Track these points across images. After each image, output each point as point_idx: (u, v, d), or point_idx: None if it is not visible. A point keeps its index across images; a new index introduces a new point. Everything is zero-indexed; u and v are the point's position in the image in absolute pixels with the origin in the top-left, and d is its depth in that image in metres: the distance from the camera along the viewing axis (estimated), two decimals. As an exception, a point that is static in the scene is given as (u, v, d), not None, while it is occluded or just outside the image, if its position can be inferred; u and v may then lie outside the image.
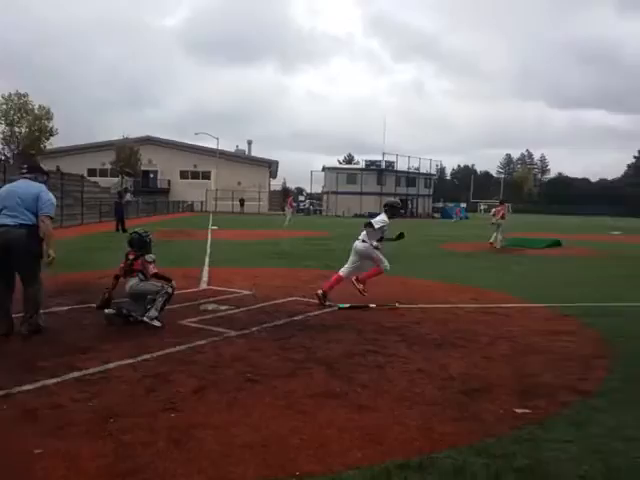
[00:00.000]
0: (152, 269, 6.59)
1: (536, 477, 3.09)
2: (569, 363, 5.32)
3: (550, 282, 11.29)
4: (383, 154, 67.54)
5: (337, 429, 3.67)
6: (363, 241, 8.28)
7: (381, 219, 8.32)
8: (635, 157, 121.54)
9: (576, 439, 3.58)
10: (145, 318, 6.40)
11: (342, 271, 8.37)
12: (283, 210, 32.52)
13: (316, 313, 7.46)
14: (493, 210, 20.97)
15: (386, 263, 8.38)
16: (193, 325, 6.54)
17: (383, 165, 67.36)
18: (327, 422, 3.78)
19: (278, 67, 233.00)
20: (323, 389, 4.45)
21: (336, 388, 4.47)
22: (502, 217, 20.03)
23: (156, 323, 6.38)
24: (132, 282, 6.57)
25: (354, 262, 8.37)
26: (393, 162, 67.73)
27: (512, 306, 8.31)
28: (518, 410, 4.08)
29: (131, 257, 6.65)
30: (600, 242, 24.55)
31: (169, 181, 73.49)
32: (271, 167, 76.38)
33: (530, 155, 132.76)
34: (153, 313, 6.43)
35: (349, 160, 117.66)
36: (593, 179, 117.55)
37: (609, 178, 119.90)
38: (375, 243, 8.24)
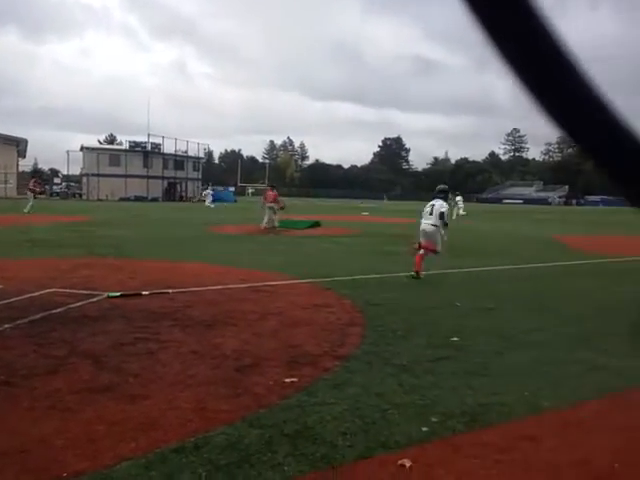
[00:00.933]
0: None
1: (305, 440, 3.36)
2: (329, 332, 5.85)
3: (311, 260, 12.17)
4: (148, 135, 64.81)
5: (107, 423, 3.50)
6: (433, 225, 9.71)
7: (445, 206, 9.90)
8: (379, 146, 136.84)
9: (338, 400, 3.97)
10: None
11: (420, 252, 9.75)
12: (27, 194, 29.19)
13: (79, 304, 6.93)
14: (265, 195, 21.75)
15: (440, 246, 9.87)
16: None
17: (149, 147, 64.70)
18: (96, 417, 3.59)
19: (24, 35, 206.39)
20: (90, 384, 4.19)
21: (104, 381, 4.25)
22: (273, 201, 20.87)
23: None
24: None
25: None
26: (159, 144, 65.46)
27: (278, 284, 8.78)
28: (286, 380, 4.36)
29: None
30: (353, 222, 27.20)
31: None
32: (19, 146, 67.76)
33: (291, 142, 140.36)
34: None
35: (111, 140, 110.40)
36: (345, 165, 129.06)
37: (359, 165, 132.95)
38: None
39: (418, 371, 4.65)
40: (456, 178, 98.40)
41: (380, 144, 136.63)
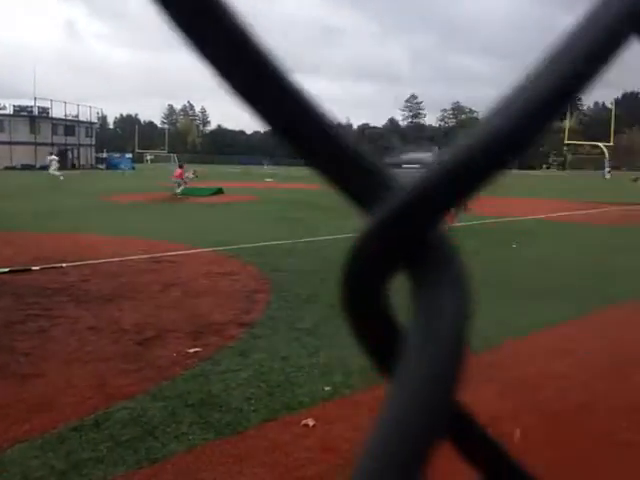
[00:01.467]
0: None
1: (210, 408, 3.36)
2: (235, 300, 5.84)
3: (214, 228, 11.98)
4: (35, 99, 60.22)
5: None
6: None
7: None
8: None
9: (243, 367, 4.00)
10: None
11: None
12: None
13: (-40, 283, 6.42)
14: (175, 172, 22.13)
15: None
16: None
17: (36, 111, 60.11)
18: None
19: None
20: (-24, 366, 3.93)
21: (-7, 362, 4.00)
22: (179, 176, 21.36)
23: None
24: None
25: None
26: (48, 108, 61.02)
27: (180, 253, 8.59)
28: (190, 350, 4.32)
29: None
30: (256, 189, 27.01)
31: None
32: None
33: (192, 106, 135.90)
34: None
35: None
36: (248, 132, 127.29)
37: (261, 131, 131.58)
38: None
39: (321, 333, 4.77)
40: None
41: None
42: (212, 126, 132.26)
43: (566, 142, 68.46)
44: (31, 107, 60.62)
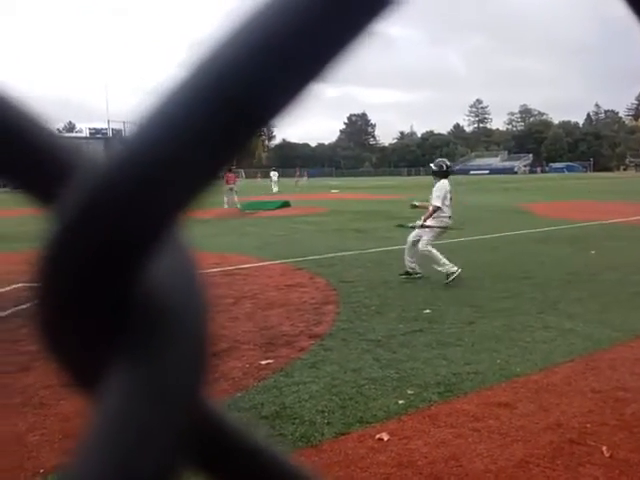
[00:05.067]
0: None
1: (283, 420, 3.38)
2: (304, 312, 5.87)
3: (282, 240, 12.14)
4: (108, 121, 63.46)
5: (84, 417, 3.47)
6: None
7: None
8: (345, 123, 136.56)
9: (315, 379, 4.00)
10: None
11: None
12: None
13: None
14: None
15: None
16: None
17: (110, 133, 63.30)
18: (72, 412, 3.54)
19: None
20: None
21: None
22: (233, 182, 21.43)
23: None
24: None
25: None
26: (121, 130, 64.11)
27: (251, 266, 8.74)
28: (263, 362, 4.37)
29: None
30: (322, 200, 27.19)
31: None
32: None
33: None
34: None
35: (70, 128, 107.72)
36: (312, 144, 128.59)
37: (326, 143, 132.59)
38: None
39: (393, 345, 4.71)
40: (423, 151, 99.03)
41: (346, 121, 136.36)
42: (277, 140, 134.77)
43: (645, 141, 64.95)
44: (105, 129, 63.82)
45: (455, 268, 7.04)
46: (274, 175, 39.43)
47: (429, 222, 7.24)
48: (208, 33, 0.18)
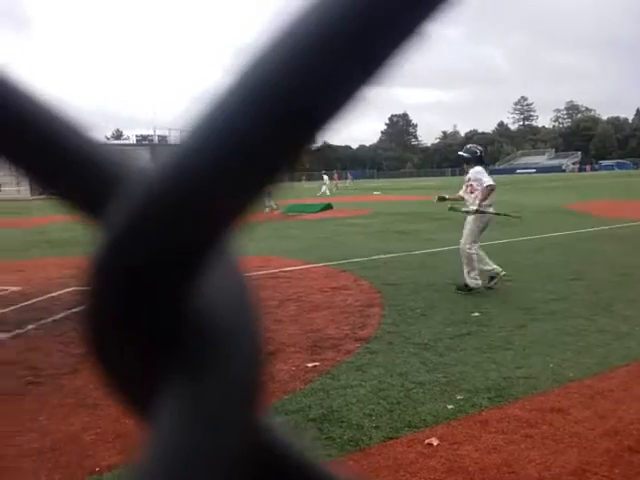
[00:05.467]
0: None
1: (331, 423, 3.37)
2: (349, 314, 5.85)
3: (325, 242, 12.16)
4: (154, 129, 64.95)
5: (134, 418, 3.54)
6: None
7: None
8: (386, 124, 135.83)
9: (361, 382, 3.98)
10: None
11: None
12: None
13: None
14: None
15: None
16: (-51, 334, 5.66)
17: (156, 140, 64.75)
18: (123, 412, 3.62)
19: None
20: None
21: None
22: None
23: None
24: None
25: None
26: (167, 136, 65.48)
27: (295, 269, 8.78)
28: (309, 364, 4.38)
29: None
30: (365, 202, 27.12)
31: None
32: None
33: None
34: None
35: (118, 136, 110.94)
36: (354, 146, 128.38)
37: (367, 144, 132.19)
38: None
39: (440, 348, 4.64)
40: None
41: (387, 121, 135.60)
42: (317, 142, 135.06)
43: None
44: (151, 136, 65.32)
45: (500, 269, 6.73)
46: (326, 178, 39.76)
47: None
48: (254, 38, 0.17)
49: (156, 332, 0.19)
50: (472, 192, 6.77)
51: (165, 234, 0.17)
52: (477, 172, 6.78)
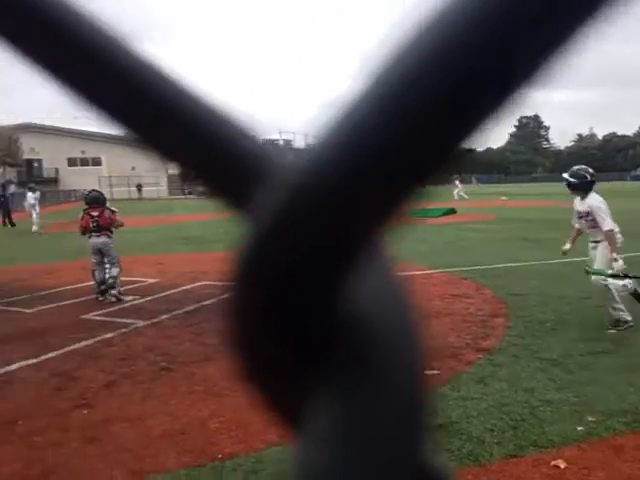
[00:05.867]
0: (119, 219, 7.39)
1: (450, 434, 3.28)
2: (470, 323, 5.66)
3: (447, 248, 11.87)
4: (280, 132, 67.33)
5: (257, 409, 3.69)
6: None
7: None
8: (515, 126, 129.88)
9: (483, 395, 3.83)
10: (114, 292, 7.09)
11: None
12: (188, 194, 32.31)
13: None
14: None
15: None
16: (97, 318, 6.28)
17: (281, 143, 67.09)
18: (247, 403, 3.79)
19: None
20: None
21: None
22: None
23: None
24: (102, 240, 7.11)
25: None
26: (291, 140, 67.64)
27: (414, 274, 8.67)
28: (428, 372, 4.29)
29: (95, 213, 7.14)
30: (490, 207, 26.10)
31: (56, 169, 69.00)
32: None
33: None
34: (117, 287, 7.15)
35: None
36: (479, 148, 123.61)
37: (494, 147, 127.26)
38: None
39: (571, 366, 4.34)
40: (604, 154, 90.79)
41: (516, 123, 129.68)
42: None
43: None
44: (277, 140, 67.83)
45: (630, 317, 5.39)
46: (458, 182, 38.85)
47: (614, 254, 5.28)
48: (383, 41, 0.16)
49: (306, 335, 0.18)
50: (594, 227, 5.55)
51: (318, 230, 0.16)
52: (599, 208, 5.44)
